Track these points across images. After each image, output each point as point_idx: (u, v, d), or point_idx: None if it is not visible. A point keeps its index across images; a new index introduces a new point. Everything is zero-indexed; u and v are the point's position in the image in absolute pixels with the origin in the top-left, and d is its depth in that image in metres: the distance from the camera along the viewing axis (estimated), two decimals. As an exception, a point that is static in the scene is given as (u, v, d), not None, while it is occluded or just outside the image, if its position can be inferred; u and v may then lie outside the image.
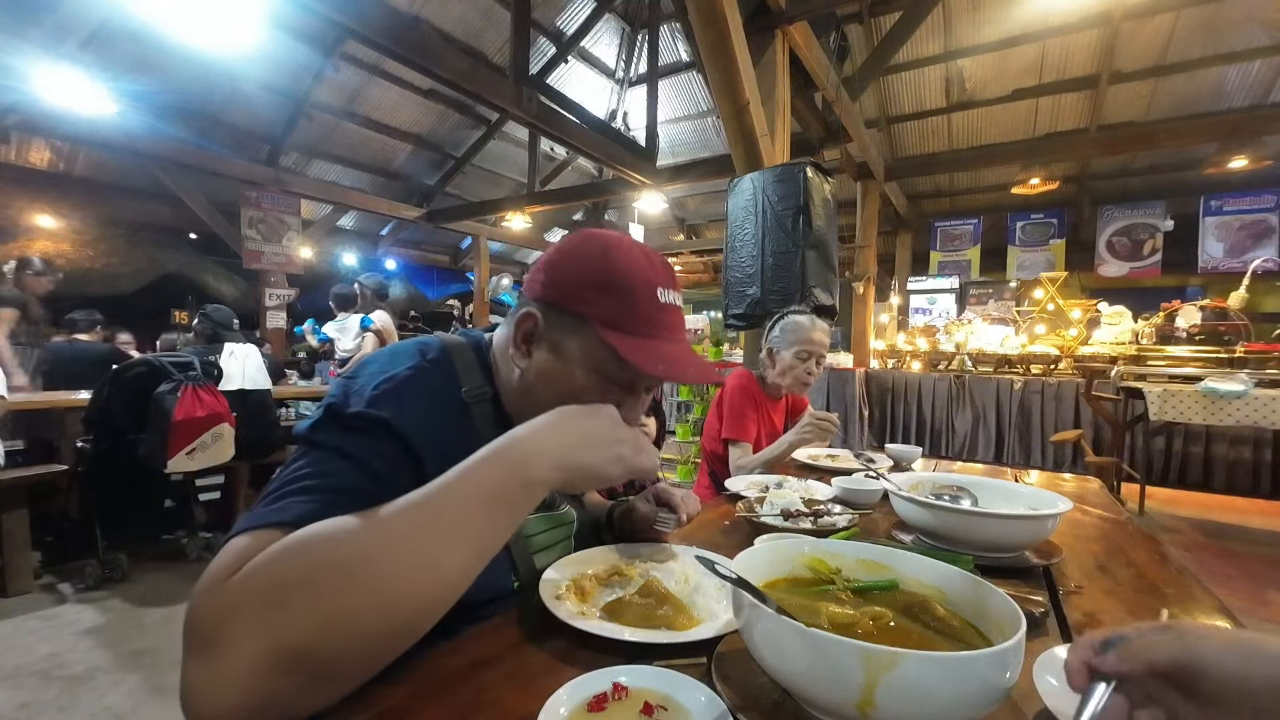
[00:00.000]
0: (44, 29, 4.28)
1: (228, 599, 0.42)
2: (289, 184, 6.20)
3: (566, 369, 0.66)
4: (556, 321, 0.67)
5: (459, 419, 0.67)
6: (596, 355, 0.65)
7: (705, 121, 7.31)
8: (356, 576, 0.43)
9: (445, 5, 5.50)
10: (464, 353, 0.73)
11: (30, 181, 5.81)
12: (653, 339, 0.66)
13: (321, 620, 0.42)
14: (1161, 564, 0.92)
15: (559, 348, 0.66)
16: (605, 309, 0.64)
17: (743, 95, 2.91)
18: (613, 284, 0.65)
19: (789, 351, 1.79)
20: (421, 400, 0.64)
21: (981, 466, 2.13)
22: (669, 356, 0.65)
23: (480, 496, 0.50)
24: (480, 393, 0.70)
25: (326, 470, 0.55)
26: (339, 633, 0.42)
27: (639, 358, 0.62)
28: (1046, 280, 5.50)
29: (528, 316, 0.68)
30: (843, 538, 0.95)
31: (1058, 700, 0.48)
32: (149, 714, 1.77)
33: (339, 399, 0.62)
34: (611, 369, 0.65)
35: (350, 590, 0.43)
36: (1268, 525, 3.54)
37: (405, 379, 0.64)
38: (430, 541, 0.47)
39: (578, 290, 0.66)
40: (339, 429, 0.59)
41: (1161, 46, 5.30)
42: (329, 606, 0.42)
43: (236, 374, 3.05)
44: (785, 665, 0.46)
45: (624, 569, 0.77)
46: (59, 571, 2.76)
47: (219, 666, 0.40)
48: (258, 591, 0.42)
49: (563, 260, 0.68)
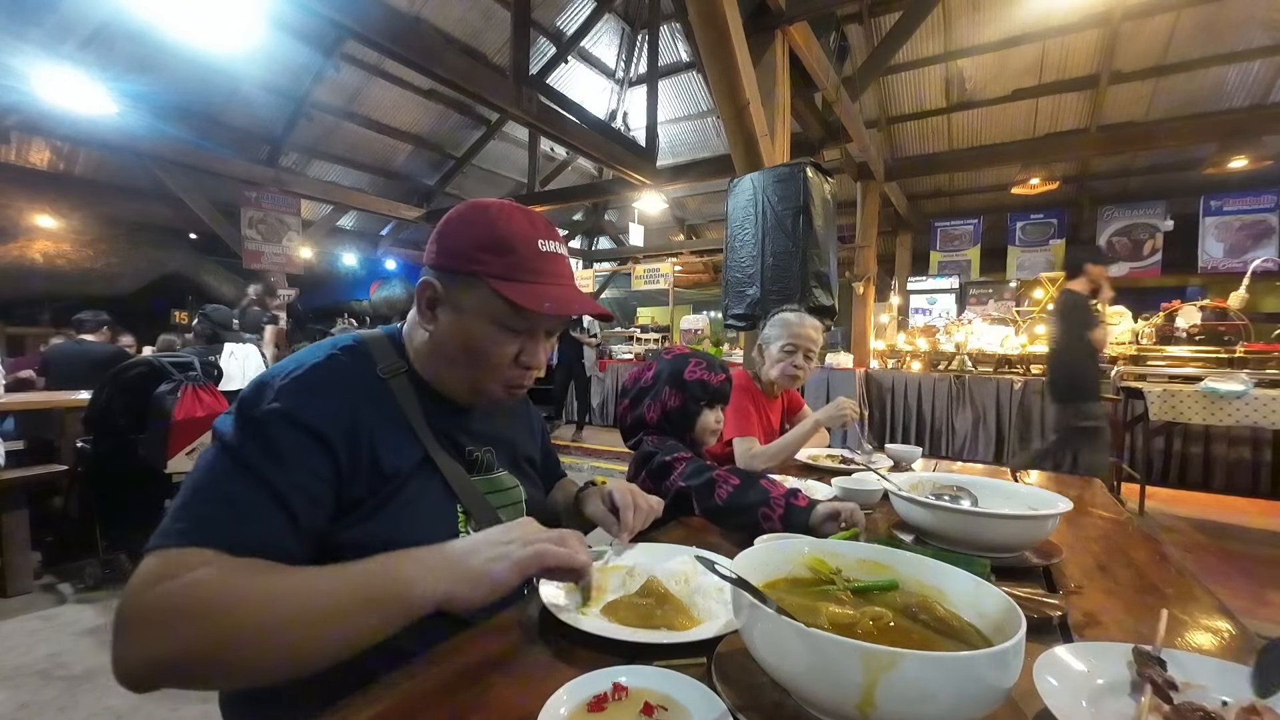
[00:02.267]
0: (44, 29, 4.28)
1: (148, 609, 0.52)
2: (289, 184, 6.20)
3: (468, 323, 0.74)
4: (453, 284, 0.74)
5: (376, 395, 0.74)
6: (492, 307, 0.73)
7: (705, 121, 7.32)
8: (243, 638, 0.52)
9: (445, 5, 5.51)
10: (378, 340, 0.80)
11: (31, 181, 5.81)
12: (539, 284, 0.74)
13: (200, 650, 0.52)
14: (1161, 564, 0.92)
15: (459, 306, 0.74)
16: (494, 265, 0.72)
17: (743, 95, 2.91)
18: (498, 243, 0.73)
19: (776, 345, 1.82)
20: (332, 386, 0.70)
21: (981, 466, 2.13)
22: (555, 296, 0.74)
23: (364, 607, 0.56)
24: (395, 367, 0.77)
25: (228, 477, 0.61)
26: (220, 661, 0.52)
27: (528, 299, 0.71)
28: (1046, 280, 5.49)
29: (426, 285, 0.75)
30: (843, 538, 0.95)
31: (1058, 700, 0.48)
32: (149, 714, 1.77)
33: (251, 397, 0.67)
34: (507, 317, 0.73)
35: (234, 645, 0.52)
36: (1268, 525, 3.54)
37: (313, 367, 0.71)
38: (308, 631, 0.54)
39: (468, 252, 0.73)
40: (247, 429, 0.64)
41: (1161, 46, 5.30)
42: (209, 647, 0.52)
43: (236, 374, 3.06)
44: (785, 665, 0.46)
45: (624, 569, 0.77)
46: (59, 571, 2.76)
47: (123, 651, 0.51)
48: (161, 614, 0.52)
49: (452, 229, 0.75)
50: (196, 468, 0.63)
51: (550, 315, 0.74)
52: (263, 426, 0.63)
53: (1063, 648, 0.56)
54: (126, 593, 0.53)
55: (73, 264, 6.63)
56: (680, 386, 1.34)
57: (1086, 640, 0.63)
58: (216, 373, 2.88)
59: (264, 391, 0.66)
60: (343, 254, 8.80)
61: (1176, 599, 0.77)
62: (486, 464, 0.83)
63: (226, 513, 0.59)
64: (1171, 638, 0.64)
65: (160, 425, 2.54)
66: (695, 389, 1.34)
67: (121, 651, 0.52)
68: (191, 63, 4.94)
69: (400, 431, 0.73)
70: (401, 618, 0.56)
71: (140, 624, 0.52)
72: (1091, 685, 0.52)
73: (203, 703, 1.76)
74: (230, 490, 0.60)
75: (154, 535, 0.57)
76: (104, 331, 4.12)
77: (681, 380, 1.34)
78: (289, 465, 0.62)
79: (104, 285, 6.81)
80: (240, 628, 0.52)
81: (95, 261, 6.82)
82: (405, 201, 7.63)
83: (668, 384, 1.35)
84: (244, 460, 0.61)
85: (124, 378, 2.63)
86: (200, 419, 2.62)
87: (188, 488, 0.60)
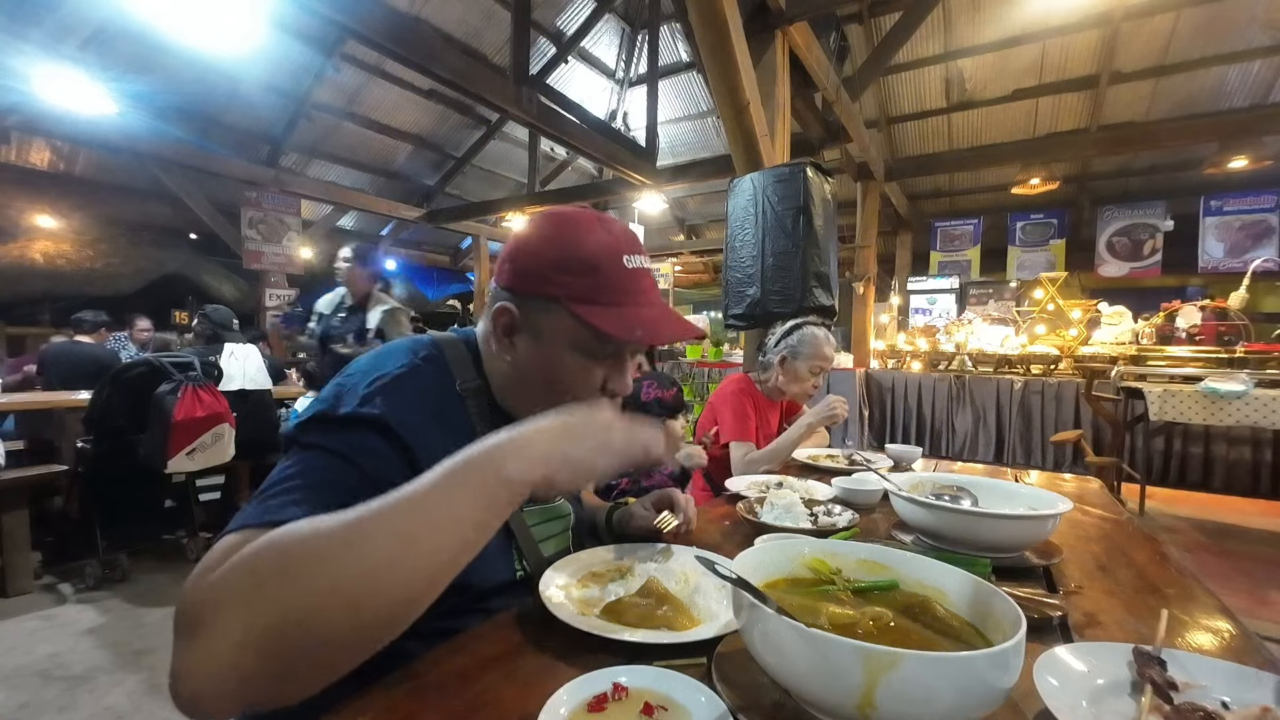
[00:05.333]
0: (44, 29, 4.28)
1: (211, 588, 0.43)
2: (289, 184, 6.20)
3: (549, 352, 0.68)
4: (530, 309, 0.68)
5: (455, 411, 0.69)
6: (575, 334, 0.67)
7: (705, 121, 7.31)
8: (332, 565, 0.43)
9: (445, 5, 5.50)
10: (455, 347, 0.74)
11: (31, 181, 5.81)
12: (626, 305, 0.67)
13: (296, 605, 0.42)
14: (1162, 564, 0.92)
15: (538, 333, 0.68)
16: (574, 287, 0.66)
17: (743, 96, 2.91)
18: (576, 262, 0.66)
19: (804, 364, 1.80)
20: (414, 396, 0.65)
21: (981, 467, 2.13)
22: (645, 320, 0.67)
23: (458, 492, 0.48)
24: (473, 385, 0.72)
25: (316, 467, 0.56)
26: (314, 619, 0.42)
27: (615, 327, 0.64)
28: (1046, 280, 5.50)
29: (502, 311, 0.69)
30: (843, 538, 0.95)
31: (1058, 700, 0.48)
32: (149, 714, 1.77)
33: (330, 400, 0.62)
34: (592, 344, 0.67)
35: (326, 577, 0.43)
36: (1268, 525, 3.54)
37: (397, 376, 0.65)
38: (406, 536, 0.45)
39: (544, 274, 0.67)
40: (329, 429, 0.59)
41: (1162, 46, 5.30)
42: (304, 591, 0.42)
43: (237, 374, 3.05)
44: (785, 665, 0.46)
45: (624, 569, 0.77)
46: (59, 571, 2.76)
47: (199, 650, 0.41)
48: (239, 578, 0.43)
49: (525, 247, 0.69)
50: (283, 463, 0.58)
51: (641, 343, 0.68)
52: (350, 427, 0.59)
53: (1063, 648, 0.56)
54: (190, 582, 0.45)
55: (73, 264, 6.62)
56: (640, 408, 1.49)
57: (1086, 640, 0.63)
58: (217, 373, 2.88)
59: (344, 397, 0.62)
60: (343, 254, 8.79)
61: (1177, 599, 0.77)
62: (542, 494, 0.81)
63: (315, 480, 0.54)
64: (1172, 638, 0.64)
65: (161, 425, 2.54)
66: (654, 409, 1.49)
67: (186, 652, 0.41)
68: (191, 63, 4.94)
69: None
70: (504, 503, 0.50)
71: (207, 606, 0.42)
72: (1092, 685, 0.52)
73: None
74: (323, 474, 0.55)
75: (234, 518, 0.51)
76: (101, 333, 4.12)
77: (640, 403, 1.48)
78: (381, 465, 0.58)
79: (104, 285, 6.80)
80: (332, 558, 0.43)
81: (95, 262, 6.81)
82: (405, 201, 7.62)
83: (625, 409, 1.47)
84: (337, 450, 0.57)
85: (124, 378, 2.63)
86: (200, 419, 2.62)
87: (267, 483, 0.56)
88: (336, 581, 0.43)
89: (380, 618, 0.44)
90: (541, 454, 0.52)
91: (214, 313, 3.23)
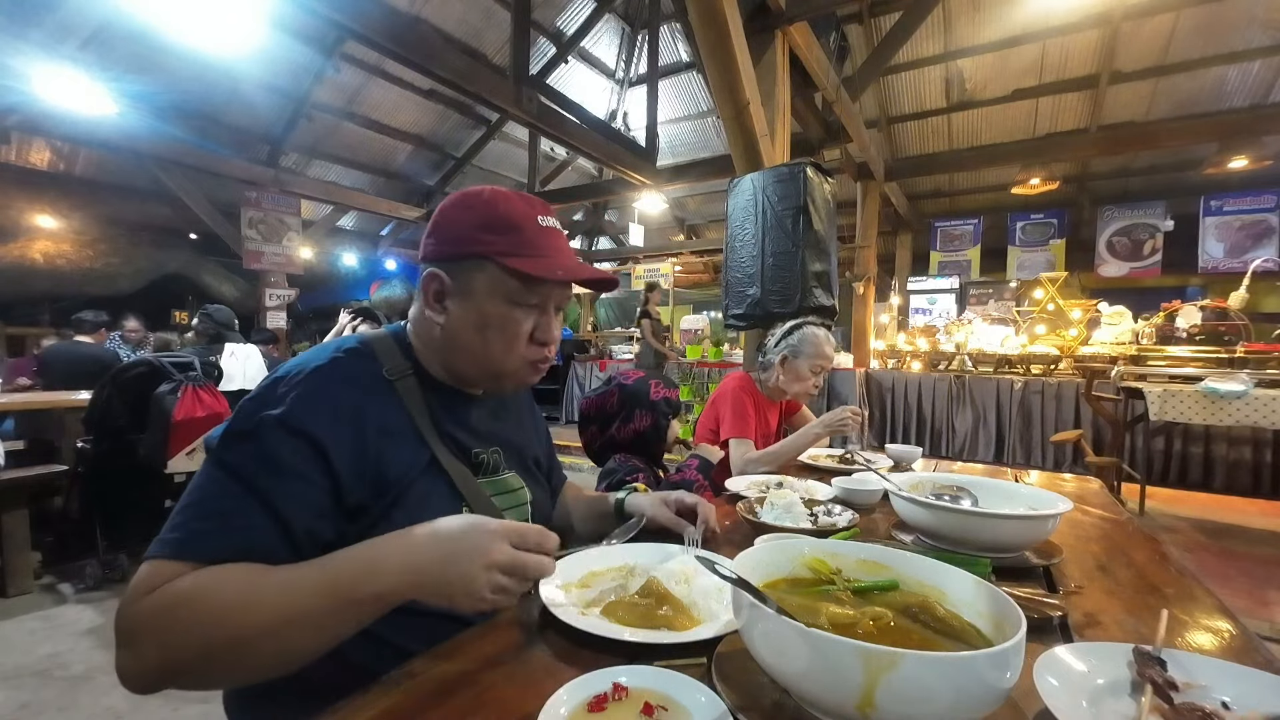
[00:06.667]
0: (44, 29, 4.29)
1: (135, 617, 0.55)
2: (289, 184, 6.20)
3: (479, 307, 0.74)
4: (458, 270, 0.74)
5: (382, 397, 0.73)
6: (504, 285, 0.73)
7: (705, 121, 7.32)
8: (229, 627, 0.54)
9: (445, 5, 5.51)
10: (383, 340, 0.79)
11: (31, 181, 5.81)
12: (547, 256, 0.74)
13: (198, 650, 0.54)
14: (1162, 564, 0.92)
15: (468, 292, 0.74)
16: (500, 243, 0.73)
17: (743, 95, 2.91)
18: (498, 220, 0.73)
19: (805, 364, 1.80)
20: (334, 388, 0.69)
21: (981, 466, 2.13)
22: (565, 265, 0.75)
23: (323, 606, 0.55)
24: (401, 368, 0.76)
25: (215, 495, 0.61)
26: (212, 661, 0.54)
27: (541, 270, 0.72)
28: (1046, 280, 5.49)
29: (432, 277, 0.75)
30: (843, 538, 0.95)
31: (1058, 700, 0.48)
32: (149, 714, 1.77)
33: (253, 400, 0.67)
34: (520, 293, 0.74)
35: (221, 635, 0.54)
36: (1268, 525, 3.54)
37: (314, 371, 0.69)
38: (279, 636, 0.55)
39: (470, 235, 0.73)
40: (242, 437, 0.63)
41: (1161, 46, 5.30)
42: (203, 641, 0.54)
43: (237, 374, 3.06)
44: (785, 665, 0.46)
45: (624, 569, 0.77)
46: (59, 571, 2.76)
47: (127, 659, 0.54)
48: (155, 618, 0.54)
49: (449, 218, 0.76)
50: (196, 475, 0.64)
51: (563, 283, 0.76)
52: (259, 434, 0.63)
53: (1063, 648, 0.56)
54: (122, 602, 0.56)
55: (73, 264, 6.63)
56: (650, 407, 1.51)
57: (1086, 640, 0.63)
58: (217, 373, 2.88)
59: (266, 397, 0.66)
60: (343, 254, 8.80)
61: (1177, 599, 0.77)
62: (493, 465, 0.82)
63: (216, 525, 0.59)
64: (1172, 638, 0.64)
65: (161, 425, 2.54)
66: (662, 406, 1.52)
67: (120, 659, 0.55)
68: (191, 63, 4.95)
69: (406, 434, 0.73)
70: (368, 614, 0.57)
71: (131, 634, 0.55)
72: (1092, 685, 0.52)
73: (203, 703, 1.76)
74: (222, 504, 0.60)
75: (153, 542, 0.58)
76: (101, 333, 4.13)
77: (650, 401, 1.52)
78: (284, 473, 0.61)
79: (104, 285, 6.81)
80: (219, 636, 0.54)
81: (95, 261, 6.82)
82: (405, 201, 7.63)
83: (637, 407, 1.51)
84: (236, 470, 0.61)
85: (124, 378, 2.63)
86: (200, 419, 2.62)
87: (185, 495, 0.61)
88: (229, 641, 0.54)
89: (265, 669, 0.56)
90: (398, 566, 0.56)
91: (216, 312, 3.23)
